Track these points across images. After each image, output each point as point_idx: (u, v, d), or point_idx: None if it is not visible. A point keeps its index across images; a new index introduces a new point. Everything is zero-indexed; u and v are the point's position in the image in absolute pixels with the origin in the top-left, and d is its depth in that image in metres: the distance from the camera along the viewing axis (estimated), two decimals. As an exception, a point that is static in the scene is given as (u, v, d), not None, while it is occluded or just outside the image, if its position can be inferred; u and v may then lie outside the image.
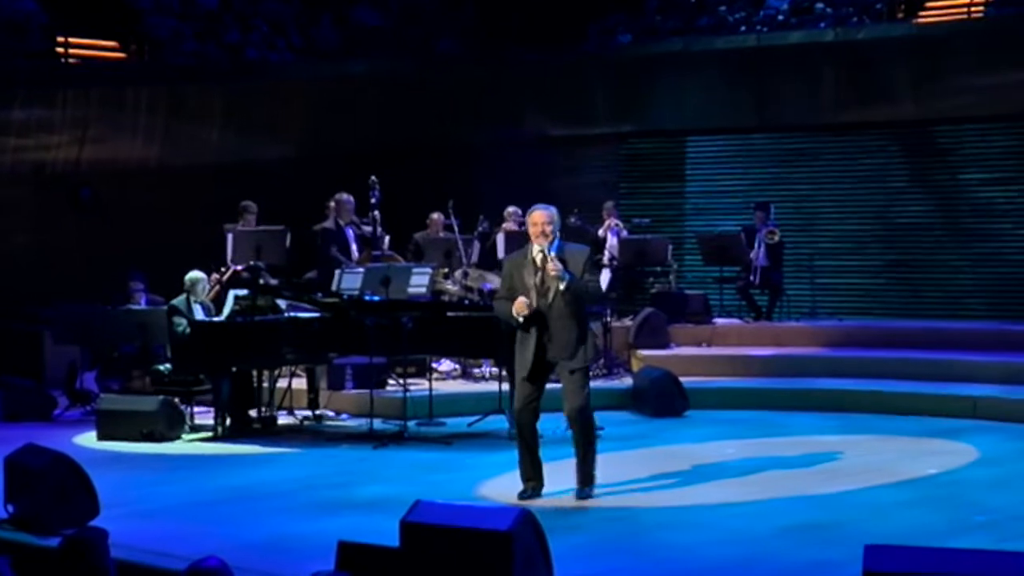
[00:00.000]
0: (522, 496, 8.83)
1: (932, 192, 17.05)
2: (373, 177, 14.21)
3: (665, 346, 15.22)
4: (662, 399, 12.95)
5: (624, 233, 16.62)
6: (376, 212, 14.25)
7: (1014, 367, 13.48)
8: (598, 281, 8.88)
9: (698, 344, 15.59)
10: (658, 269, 16.80)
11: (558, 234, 8.85)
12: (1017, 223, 16.54)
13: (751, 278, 16.31)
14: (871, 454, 10.69)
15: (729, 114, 17.84)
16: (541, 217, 8.77)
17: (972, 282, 16.81)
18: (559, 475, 9.27)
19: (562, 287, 8.66)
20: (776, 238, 16.18)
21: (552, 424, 11.55)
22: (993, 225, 16.63)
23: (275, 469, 10.43)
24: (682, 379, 13.25)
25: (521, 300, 8.65)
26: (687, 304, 16.29)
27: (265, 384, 12.53)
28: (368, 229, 14.64)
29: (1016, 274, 16.47)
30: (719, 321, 16.30)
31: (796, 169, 17.78)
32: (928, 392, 13.02)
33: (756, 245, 16.23)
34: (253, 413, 12.32)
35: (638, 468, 9.16)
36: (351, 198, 14.56)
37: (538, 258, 8.72)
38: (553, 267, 8.65)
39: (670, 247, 16.64)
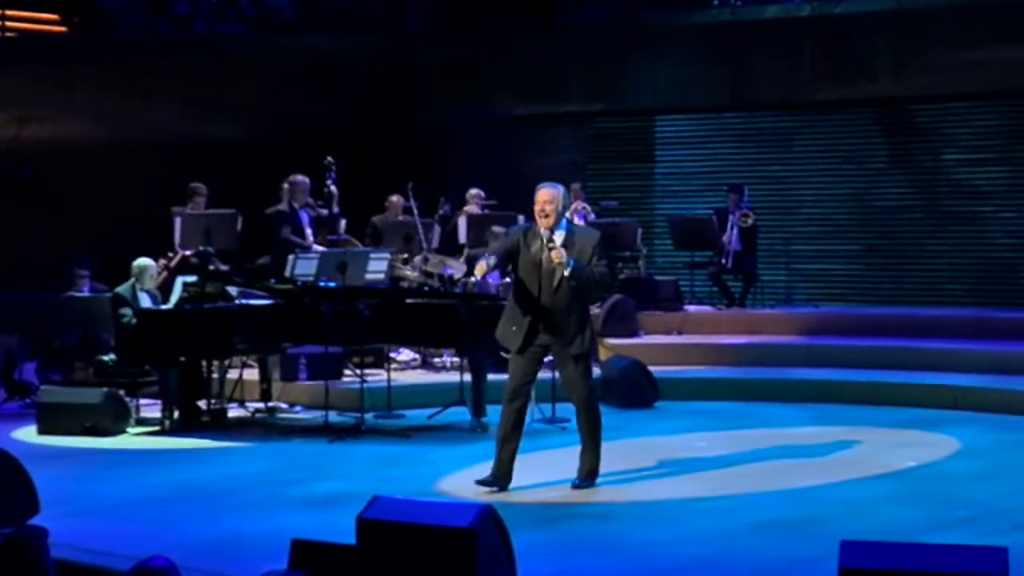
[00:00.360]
0: (482, 482, 8.91)
1: (912, 173, 17.11)
2: (329, 158, 14.16)
3: (634, 334, 15.24)
4: (631, 390, 12.96)
5: (591, 216, 16.62)
6: (333, 189, 14.20)
7: (996, 355, 13.56)
8: (607, 267, 8.85)
9: (669, 332, 15.62)
10: (627, 254, 16.81)
11: (566, 216, 8.86)
12: (1000, 205, 16.63)
13: (724, 263, 16.34)
14: (848, 446, 10.73)
15: (702, 92, 17.85)
16: (542, 196, 8.77)
17: (953, 267, 16.89)
18: (525, 469, 9.27)
19: (566, 274, 8.67)
20: (750, 221, 16.22)
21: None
22: (975, 207, 16.70)
23: (225, 464, 10.40)
24: (652, 369, 13.27)
25: (481, 263, 8.65)
26: (657, 290, 16.31)
27: (215, 375, 12.48)
28: (324, 212, 14.59)
29: (998, 259, 16.57)
30: (690, 308, 16.33)
31: (771, 149, 17.82)
32: (907, 382, 13.08)
33: (729, 229, 16.26)
34: (202, 405, 12.27)
35: (606, 462, 9.16)
36: (306, 179, 14.51)
37: (544, 239, 8.71)
38: (557, 255, 8.63)
39: (639, 231, 16.66)
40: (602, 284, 8.99)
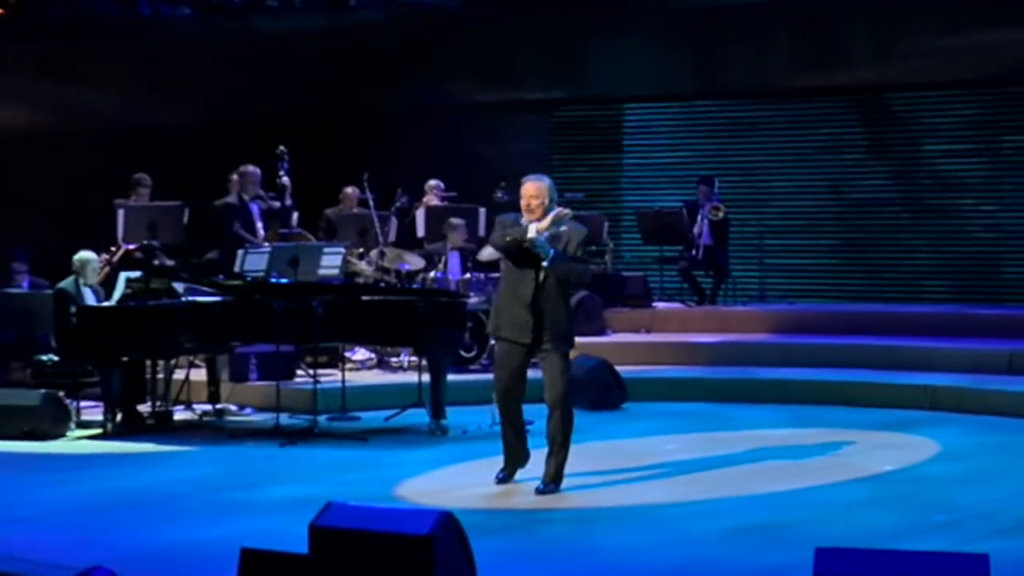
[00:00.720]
0: (497, 479, 9.25)
1: (890, 165, 17.20)
2: (282, 147, 14.12)
3: (601, 332, 15.26)
4: (598, 391, 12.97)
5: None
6: (285, 180, 14.16)
7: (977, 354, 13.63)
8: (587, 264, 9.02)
9: (637, 330, 15.64)
10: (592, 248, 16.81)
11: (552, 206, 8.97)
12: (980, 198, 16.73)
13: (694, 257, 16.39)
14: (823, 449, 10.76)
15: (671, 79, 17.88)
16: (527, 190, 9.01)
17: (932, 262, 16.98)
18: (488, 473, 9.27)
19: (545, 264, 8.84)
20: (721, 215, 16.26)
21: (477, 418, 11.60)
22: (955, 200, 16.80)
23: (171, 469, 10.36)
24: (620, 368, 13.28)
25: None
26: (625, 287, 16.35)
27: (160, 376, 12.43)
28: (275, 204, 14.56)
29: (979, 254, 16.67)
30: (659, 305, 16.37)
31: (743, 139, 17.87)
32: (884, 381, 13.14)
33: (699, 222, 16.30)
34: (147, 408, 12.22)
35: (572, 465, 9.17)
36: (257, 170, 14.47)
37: (531, 234, 8.86)
38: (542, 224, 8.80)
39: (606, 224, 16.68)
40: (581, 280, 9.20)
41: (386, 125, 18.32)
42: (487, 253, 10.13)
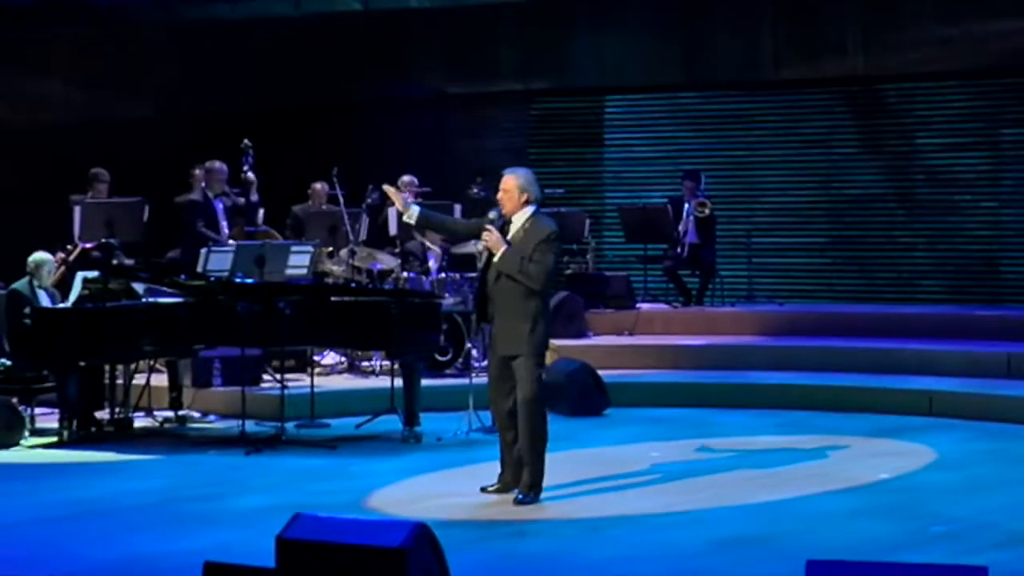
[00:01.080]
0: (482, 488, 9.27)
1: (884, 159, 17.23)
2: (246, 141, 14.10)
3: (582, 335, 15.27)
4: (579, 396, 12.98)
5: (535, 206, 16.62)
6: (251, 175, 14.14)
7: (975, 357, 13.68)
8: (544, 264, 8.98)
9: (620, 333, 15.66)
10: (574, 247, 16.85)
11: (531, 203, 9.08)
12: (978, 194, 16.77)
13: (680, 256, 16.41)
14: (814, 457, 10.80)
15: (655, 70, 17.90)
16: (501, 183, 9.19)
17: (928, 261, 17.02)
18: (462, 483, 9.27)
19: (495, 261, 9.00)
20: (707, 211, 16.29)
21: (453, 425, 11.61)
22: (952, 196, 16.84)
23: (130, 479, 10.34)
24: (602, 372, 13.30)
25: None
26: (607, 287, 16.36)
27: (119, 381, 12.41)
28: (240, 200, 14.54)
29: (977, 252, 16.71)
30: (643, 306, 16.38)
31: (730, 133, 17.89)
32: (879, 386, 13.18)
33: (685, 219, 16.32)
34: (105, 415, 12.20)
35: (552, 475, 9.18)
36: (223, 166, 14.45)
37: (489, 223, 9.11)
38: (488, 236, 9.00)
39: (587, 222, 16.69)
40: (532, 278, 9.01)
41: (357, 117, 18.30)
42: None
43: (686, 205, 16.36)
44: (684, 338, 15.35)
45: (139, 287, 12.41)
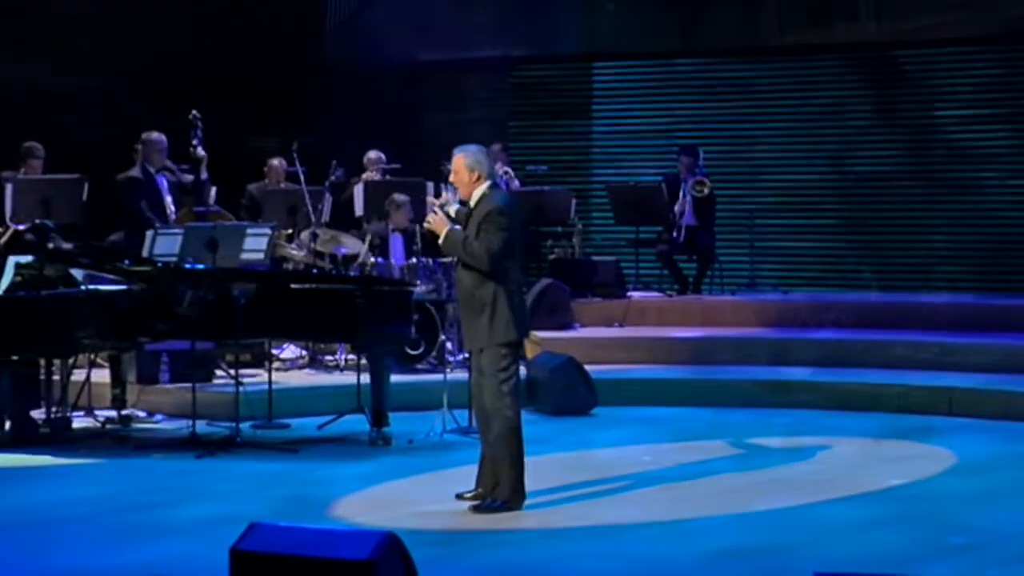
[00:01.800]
0: (457, 494, 9.30)
1: (899, 133, 17.27)
2: (195, 112, 14.07)
3: (567, 326, 15.29)
4: (563, 393, 13.00)
5: (515, 184, 16.65)
6: (200, 151, 14.12)
7: (1000, 351, 13.72)
8: (488, 242, 8.94)
9: (609, 324, 15.69)
10: (558, 229, 16.87)
11: (482, 180, 9.10)
12: (1004, 171, 16.82)
13: (675, 240, 16.44)
14: (822, 460, 10.85)
15: (647, 35, 17.92)
16: (452, 163, 9.27)
17: (949, 245, 17.07)
18: (434, 488, 9.29)
19: (440, 242, 9.14)
20: (706, 190, 16.31)
21: (426, 425, 11.63)
22: (975, 174, 16.89)
23: (68, 485, 10.33)
24: (589, 368, 13.32)
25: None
26: (595, 273, 16.37)
27: (56, 377, 12.38)
28: (188, 178, 14.51)
29: (1002, 235, 16.75)
30: (635, 295, 16.41)
31: (731, 104, 17.92)
32: (894, 382, 13.22)
33: (681, 199, 16.35)
34: (41, 414, 12.18)
35: (533, 480, 9.20)
36: (162, 137, 14.40)
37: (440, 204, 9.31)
38: (432, 218, 9.12)
39: (573, 201, 16.69)
40: (475, 258, 9.02)
41: (319, 88, 18.27)
42: None
43: (683, 184, 16.38)
44: (680, 330, 15.38)
45: (78, 273, 12.38)
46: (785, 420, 12.56)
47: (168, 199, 14.30)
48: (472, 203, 9.13)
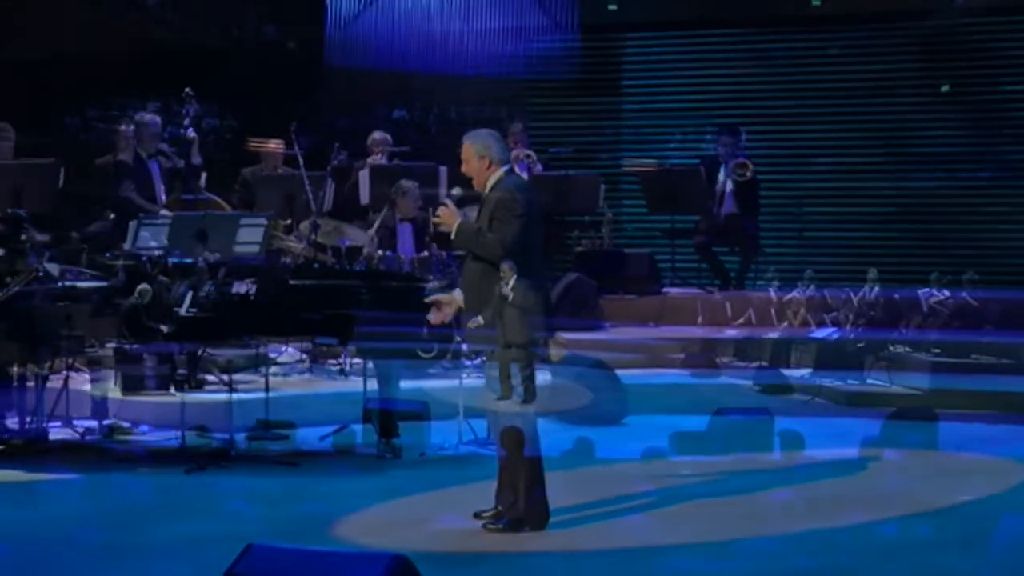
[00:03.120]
0: (475, 513, 9.27)
1: (962, 111, 17.26)
2: (188, 89, 14.11)
3: (596, 326, 15.29)
4: (590, 400, 13.01)
5: (538, 168, 16.65)
6: (191, 132, 14.16)
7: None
8: (502, 232, 8.92)
9: (642, 322, 15.68)
10: (585, 218, 16.89)
11: (495, 166, 9.10)
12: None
13: (715, 228, 16.43)
14: (881, 475, 10.84)
15: (683, 1, 17.92)
16: (461, 153, 9.24)
17: (1017, 235, 17.05)
18: (449, 506, 9.29)
19: (452, 238, 9.13)
20: (748, 174, 16.32)
21: (440, 436, 11.64)
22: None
23: (45, 504, 10.35)
24: (619, 372, 13.33)
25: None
26: (626, 266, 16.39)
27: (30, 384, 12.41)
28: (180, 162, 14.55)
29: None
30: (671, 291, 16.42)
31: (774, 78, 17.93)
32: (958, 387, 13.20)
33: (721, 183, 16.35)
34: (14, 424, 12.21)
35: (557, 495, 9.20)
36: (156, 119, 14.45)
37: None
38: (442, 211, 9.12)
39: (602, 187, 16.70)
40: (487, 250, 9.03)
41: (320, 64, 18.30)
42: None
43: (723, 167, 16.38)
44: (720, 329, 15.38)
45: (53, 268, 12.41)
46: (837, 429, 12.52)
47: (161, 187, 14.34)
48: (486, 191, 9.13)
